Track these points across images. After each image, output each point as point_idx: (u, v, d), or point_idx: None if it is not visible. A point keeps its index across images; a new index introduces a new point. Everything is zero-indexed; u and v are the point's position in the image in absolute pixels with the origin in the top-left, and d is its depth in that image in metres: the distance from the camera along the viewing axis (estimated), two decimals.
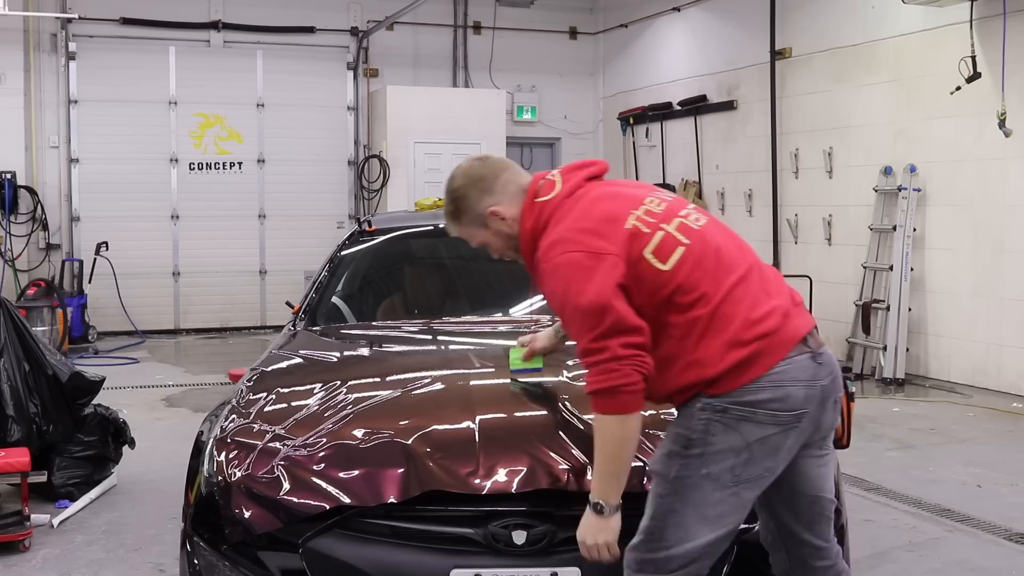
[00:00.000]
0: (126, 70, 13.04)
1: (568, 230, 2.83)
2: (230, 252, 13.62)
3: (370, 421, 3.38)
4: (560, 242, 2.82)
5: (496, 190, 3.00)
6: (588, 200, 2.90)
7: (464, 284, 5.49)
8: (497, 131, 13.93)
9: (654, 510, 2.83)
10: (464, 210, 3.05)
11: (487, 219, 3.01)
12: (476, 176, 3.03)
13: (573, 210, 2.88)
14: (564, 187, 2.95)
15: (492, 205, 2.99)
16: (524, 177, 3.04)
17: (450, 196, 3.08)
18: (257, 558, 3.17)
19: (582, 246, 2.78)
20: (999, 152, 8.87)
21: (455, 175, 3.08)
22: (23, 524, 5.24)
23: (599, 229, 2.81)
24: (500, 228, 3.02)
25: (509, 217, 2.99)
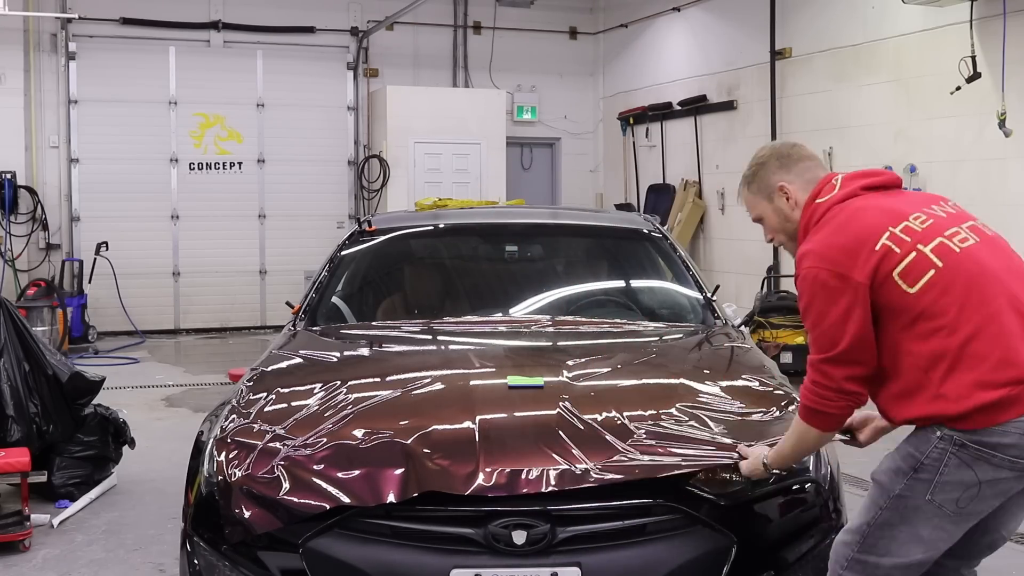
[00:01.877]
0: (126, 70, 13.03)
1: (822, 244, 2.85)
2: (230, 252, 13.61)
3: (370, 421, 3.38)
4: (812, 254, 2.85)
5: (793, 171, 3.06)
6: (850, 211, 2.89)
7: (464, 284, 5.49)
8: (497, 131, 13.92)
9: (871, 517, 2.86)
10: (758, 177, 3.11)
11: (774, 192, 3.07)
12: (782, 152, 3.11)
13: (835, 219, 2.89)
14: (839, 192, 2.96)
15: (784, 180, 3.05)
16: (821, 172, 3.07)
17: (752, 161, 3.16)
18: (257, 558, 3.17)
19: (831, 264, 2.80)
20: (999, 152, 8.87)
21: (765, 146, 3.19)
22: (23, 524, 5.24)
23: (851, 248, 2.81)
24: (781, 206, 3.06)
25: (793, 199, 3.04)
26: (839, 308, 2.76)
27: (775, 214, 3.09)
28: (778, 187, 3.06)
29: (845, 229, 2.85)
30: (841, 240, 2.83)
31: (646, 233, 5.49)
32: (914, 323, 2.76)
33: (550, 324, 4.73)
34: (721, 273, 12.18)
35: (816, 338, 2.82)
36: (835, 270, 2.78)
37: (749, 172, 3.15)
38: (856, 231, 2.83)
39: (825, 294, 2.78)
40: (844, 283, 2.77)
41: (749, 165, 3.17)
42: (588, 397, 3.55)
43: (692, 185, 13.01)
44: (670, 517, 3.15)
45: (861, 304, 2.76)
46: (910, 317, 2.76)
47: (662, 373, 4.02)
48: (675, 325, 4.96)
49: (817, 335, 2.82)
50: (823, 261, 2.81)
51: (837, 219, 2.88)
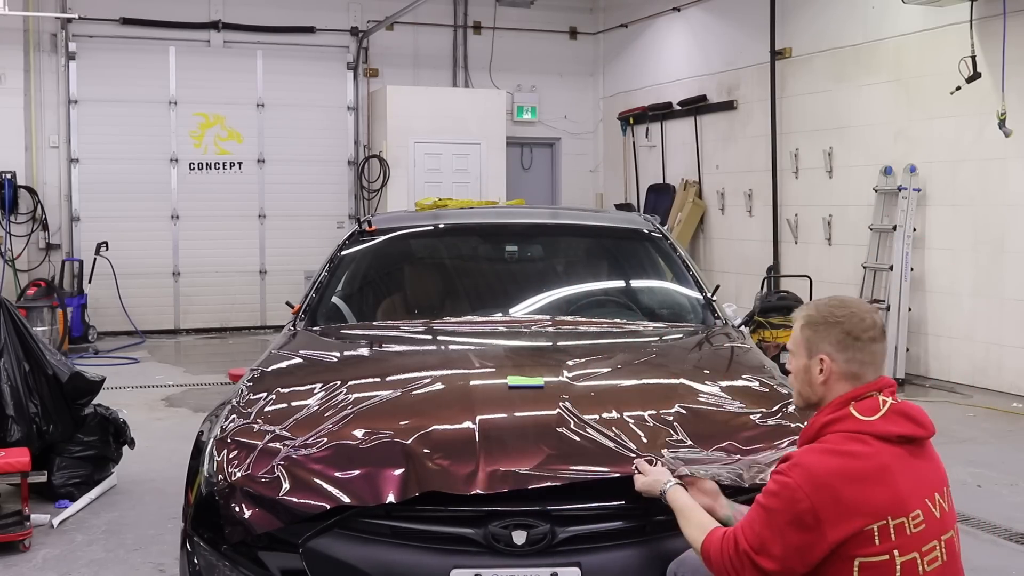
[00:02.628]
0: (126, 70, 13.04)
1: (826, 473, 2.64)
2: (230, 252, 13.62)
3: (370, 421, 3.38)
4: (811, 475, 2.64)
5: (848, 353, 2.81)
6: (872, 468, 2.67)
7: (464, 284, 5.49)
8: (497, 131, 13.92)
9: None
10: (818, 330, 2.86)
11: (814, 355, 2.84)
12: (854, 329, 2.83)
13: (854, 458, 2.67)
14: (879, 423, 2.73)
15: (829, 357, 2.82)
16: (874, 372, 2.82)
17: (832, 311, 2.87)
18: (257, 558, 3.17)
19: (818, 504, 2.61)
20: (999, 152, 8.87)
21: (851, 305, 2.88)
22: (23, 524, 5.24)
23: (846, 507, 2.61)
24: (811, 369, 2.86)
25: (826, 374, 2.83)
26: (792, 540, 2.63)
27: (804, 371, 2.89)
28: (820, 356, 2.83)
29: (853, 483, 2.64)
30: (844, 493, 2.62)
31: (646, 233, 5.49)
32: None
33: (550, 324, 4.73)
34: (721, 273, 12.18)
35: (756, 534, 2.67)
36: (817, 512, 2.61)
37: (816, 316, 2.88)
38: (859, 497, 2.63)
39: (793, 522, 2.63)
40: (814, 529, 2.61)
41: (822, 309, 2.89)
42: (588, 397, 3.55)
43: (692, 185, 13.01)
44: (670, 517, 3.14)
45: (811, 555, 2.63)
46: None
47: (662, 373, 4.02)
48: (675, 325, 4.96)
49: (757, 532, 2.67)
50: (813, 494, 2.62)
51: (856, 462, 2.67)
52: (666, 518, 3.14)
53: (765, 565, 2.66)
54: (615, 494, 3.14)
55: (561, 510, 3.10)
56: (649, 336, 4.68)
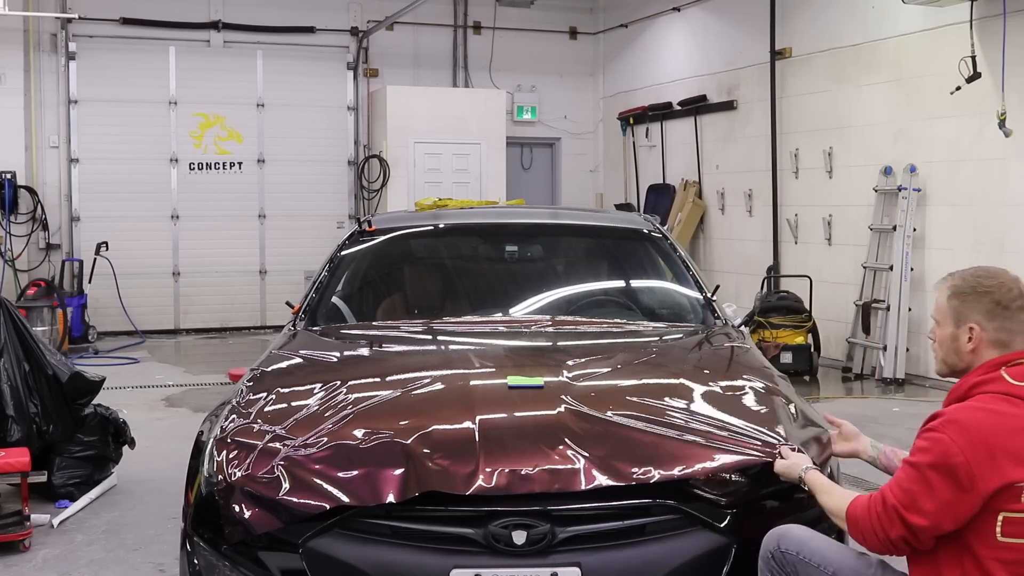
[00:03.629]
0: (126, 70, 13.04)
1: (978, 424, 2.73)
2: (230, 252, 13.61)
3: (370, 421, 3.38)
4: (964, 428, 2.72)
5: (996, 321, 2.90)
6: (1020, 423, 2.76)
7: (464, 284, 5.49)
8: (497, 131, 13.92)
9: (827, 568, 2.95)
10: (966, 300, 2.93)
11: (963, 324, 2.92)
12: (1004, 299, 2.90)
13: (1007, 417, 2.76)
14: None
15: (978, 323, 2.90)
16: (1019, 341, 2.90)
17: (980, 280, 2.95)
18: (257, 558, 3.17)
19: (972, 458, 2.69)
20: (999, 152, 8.87)
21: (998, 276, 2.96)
22: (23, 524, 5.24)
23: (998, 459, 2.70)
24: (959, 338, 2.93)
25: (975, 343, 2.91)
26: (944, 495, 2.71)
27: (951, 339, 2.96)
28: (969, 325, 2.91)
29: (1009, 435, 2.73)
30: (998, 443, 2.72)
31: (646, 233, 5.49)
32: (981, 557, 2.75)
33: (550, 324, 4.73)
34: (721, 273, 12.18)
35: (906, 491, 2.76)
36: (970, 467, 2.69)
37: (963, 286, 2.95)
38: (1014, 449, 2.73)
39: (946, 476, 2.70)
40: (968, 483, 2.69)
41: (970, 279, 2.96)
42: (588, 397, 3.55)
43: (692, 185, 13.01)
44: (670, 517, 3.15)
45: (965, 509, 2.71)
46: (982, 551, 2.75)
47: (662, 373, 4.02)
48: (675, 325, 4.96)
49: (908, 488, 2.75)
50: (968, 449, 2.70)
51: (1010, 420, 2.76)
52: (666, 518, 3.15)
53: (915, 521, 2.73)
54: (615, 494, 3.14)
55: (561, 510, 3.10)
56: (649, 336, 4.68)
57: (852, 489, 3.17)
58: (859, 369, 10.09)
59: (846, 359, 10.33)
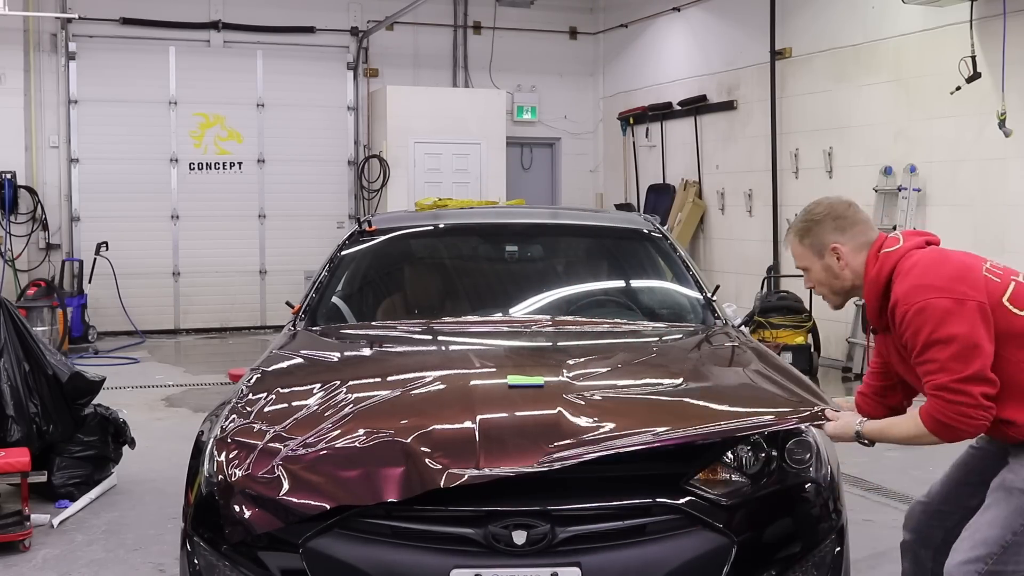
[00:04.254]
0: (126, 70, 13.04)
1: (931, 276, 3.00)
2: (230, 252, 13.61)
3: (370, 421, 3.37)
4: (924, 286, 2.98)
5: (848, 233, 3.20)
6: (936, 253, 3.11)
7: (464, 284, 5.49)
8: (497, 131, 13.92)
9: (1018, 527, 2.97)
10: (812, 234, 3.25)
11: (826, 251, 3.21)
12: (838, 212, 3.25)
13: (924, 260, 3.06)
14: (906, 243, 3.15)
15: (837, 242, 3.19)
16: (873, 233, 3.23)
17: (807, 216, 3.29)
18: (257, 558, 3.18)
19: (947, 292, 2.95)
20: (999, 152, 8.87)
21: (821, 202, 3.32)
22: (23, 524, 5.24)
23: (961, 276, 3.00)
24: (831, 264, 3.21)
25: (844, 259, 3.19)
26: (967, 329, 2.90)
27: (824, 271, 3.23)
28: (831, 247, 3.20)
29: (946, 263, 3.04)
30: (948, 271, 3.00)
31: (646, 233, 5.49)
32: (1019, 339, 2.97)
33: (550, 324, 4.73)
34: (721, 273, 12.18)
35: (947, 361, 2.90)
36: (954, 296, 2.94)
37: (802, 226, 3.28)
38: (957, 263, 3.04)
39: (951, 319, 2.91)
40: (965, 306, 2.92)
41: (802, 219, 3.30)
42: (588, 396, 3.55)
43: (692, 185, 13.01)
44: (670, 517, 3.15)
45: (985, 323, 2.93)
46: (1016, 335, 2.97)
47: (662, 373, 4.02)
48: (675, 325, 4.96)
49: (948, 357, 2.90)
50: (939, 292, 2.95)
51: (927, 258, 3.07)
52: (667, 518, 3.15)
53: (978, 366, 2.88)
54: (615, 494, 3.14)
55: (561, 510, 3.10)
56: (649, 336, 4.68)
57: (852, 489, 3.18)
58: (859, 369, 10.08)
59: (846, 359, 10.33)
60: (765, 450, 3.36)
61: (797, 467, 3.36)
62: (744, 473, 3.30)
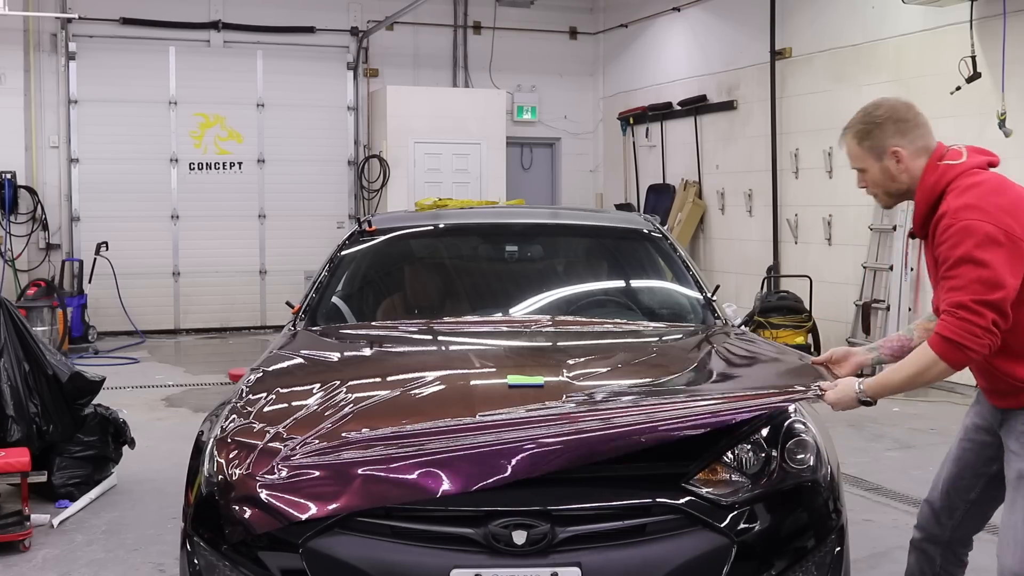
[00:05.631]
0: (126, 70, 13.04)
1: (984, 201, 3.02)
2: (230, 252, 13.62)
3: (370, 421, 3.37)
4: (976, 208, 3.00)
5: (908, 136, 3.18)
6: (998, 181, 3.12)
7: (464, 284, 5.49)
8: (497, 131, 13.93)
9: None
10: (872, 136, 3.22)
11: (885, 154, 3.19)
12: (900, 116, 3.21)
13: (983, 184, 3.08)
14: (970, 160, 3.15)
15: (898, 146, 3.17)
16: (933, 139, 3.21)
17: (868, 118, 3.26)
18: (257, 558, 3.17)
19: (998, 221, 2.98)
20: (999, 152, 8.81)
21: (882, 103, 3.27)
22: (23, 524, 5.24)
23: (1013, 211, 3.01)
24: (890, 167, 3.20)
25: (904, 163, 3.18)
26: (1001, 259, 2.94)
27: (881, 173, 3.22)
28: (892, 150, 3.18)
29: (1002, 193, 3.06)
30: (1001, 201, 3.02)
31: (646, 233, 5.49)
32: None
33: (550, 324, 4.73)
34: (721, 273, 12.18)
35: (973, 281, 2.94)
36: (1001, 227, 2.96)
37: (861, 128, 3.25)
38: (1014, 197, 3.05)
39: (990, 245, 2.95)
40: (1009, 240, 2.96)
41: (863, 119, 3.27)
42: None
43: (692, 185, 13.01)
44: (670, 517, 3.15)
45: (1019, 263, 2.97)
46: None
47: (662, 373, 4.02)
48: (675, 325, 4.95)
49: (975, 278, 2.94)
50: (989, 217, 2.98)
51: (988, 183, 3.09)
52: (667, 518, 3.15)
53: (996, 296, 2.92)
54: (615, 494, 3.14)
55: (561, 510, 3.10)
56: (649, 336, 4.68)
57: (852, 489, 3.18)
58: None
59: None
60: (765, 450, 3.36)
61: (797, 467, 3.35)
62: (744, 473, 3.30)
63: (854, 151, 3.27)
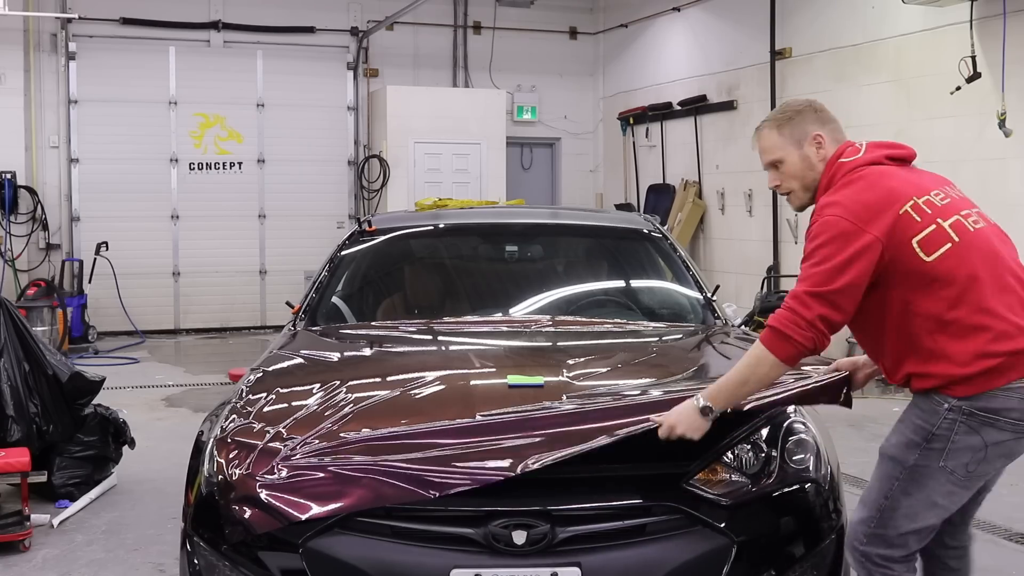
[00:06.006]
0: (126, 70, 13.04)
1: (849, 198, 3.01)
2: (230, 252, 13.62)
3: (370, 421, 3.37)
4: (838, 205, 3.00)
5: (827, 127, 3.22)
6: (877, 174, 3.07)
7: (464, 284, 5.49)
8: (497, 131, 13.92)
9: (887, 490, 3.03)
10: (793, 123, 3.22)
11: (806, 140, 3.19)
12: (817, 107, 3.26)
13: (863, 179, 3.05)
14: (864, 156, 3.13)
15: (819, 131, 3.19)
16: (843, 135, 3.25)
17: (787, 108, 3.29)
18: (257, 558, 3.18)
19: (854, 217, 2.96)
20: (999, 152, 8.87)
21: (795, 99, 3.36)
22: (23, 524, 5.24)
23: (876, 207, 2.97)
24: (810, 155, 3.19)
25: (824, 151, 3.18)
26: (846, 254, 2.92)
27: (801, 161, 3.20)
28: (813, 135, 3.19)
29: (873, 189, 3.01)
30: (867, 198, 2.99)
31: (646, 233, 5.49)
32: (927, 286, 2.94)
33: (550, 324, 4.73)
34: (721, 273, 12.18)
35: (811, 275, 2.96)
36: (855, 223, 2.94)
37: (783, 116, 3.25)
38: (883, 193, 3.00)
39: (839, 240, 2.93)
40: (859, 235, 2.93)
41: (782, 110, 3.29)
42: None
43: (692, 185, 13.01)
44: (670, 517, 3.15)
45: (867, 258, 2.92)
46: (924, 281, 2.95)
47: (662, 373, 4.02)
48: (675, 325, 4.96)
49: (814, 272, 2.95)
50: (847, 212, 2.96)
51: (865, 179, 3.04)
52: (667, 518, 3.15)
53: (831, 287, 2.90)
54: (615, 494, 3.14)
55: (561, 510, 3.10)
56: (649, 336, 4.68)
57: (852, 489, 3.18)
58: None
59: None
60: (765, 450, 3.36)
61: (797, 467, 3.36)
62: (744, 473, 3.30)
63: (772, 141, 3.25)
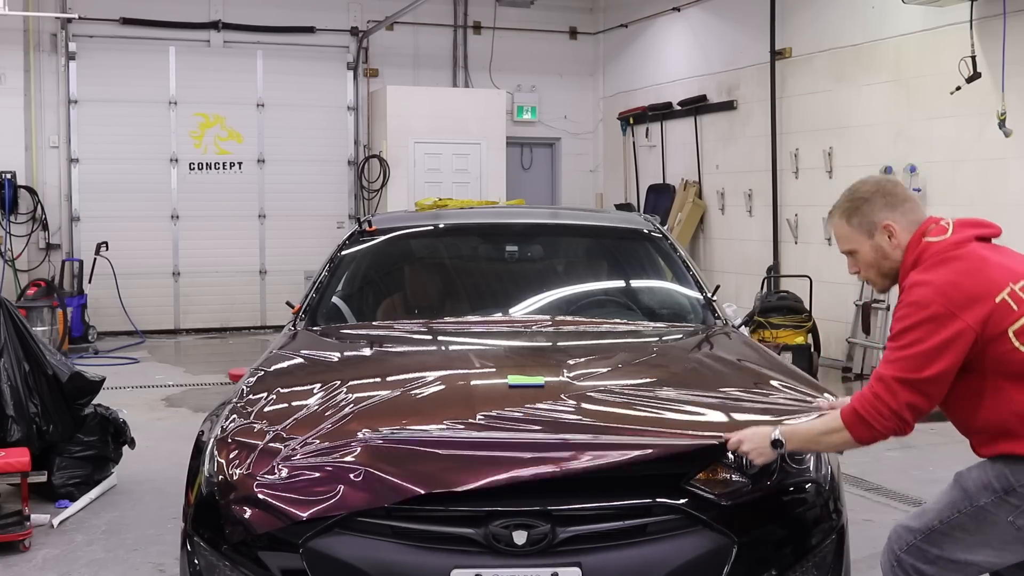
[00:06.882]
0: (126, 70, 13.04)
1: (944, 280, 2.90)
2: (230, 252, 13.62)
3: (371, 421, 3.37)
4: (931, 286, 2.89)
5: (899, 210, 3.07)
6: (975, 259, 2.96)
7: (464, 284, 5.49)
8: (497, 131, 13.93)
9: (946, 517, 2.99)
10: (861, 212, 3.09)
11: (877, 230, 3.08)
12: (887, 190, 3.10)
13: (958, 262, 2.94)
14: (953, 236, 3.01)
15: (889, 219, 3.06)
16: (921, 213, 3.11)
17: (855, 195, 3.12)
18: (257, 558, 3.17)
19: (948, 302, 2.86)
20: (999, 152, 8.87)
21: (867, 180, 3.16)
22: (23, 524, 5.24)
23: (973, 294, 2.88)
24: (882, 244, 3.08)
25: (897, 238, 3.06)
26: (938, 340, 2.83)
27: (873, 251, 3.10)
28: (883, 225, 3.07)
29: (971, 275, 2.91)
30: (965, 283, 2.89)
31: (646, 233, 5.49)
32: (1020, 375, 2.88)
33: (550, 324, 4.73)
34: (721, 273, 12.18)
35: (901, 358, 2.87)
36: (950, 308, 2.84)
37: (850, 206, 3.12)
38: (981, 280, 2.90)
39: (932, 325, 2.84)
40: (953, 322, 2.83)
41: (849, 198, 3.14)
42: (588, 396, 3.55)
43: (692, 185, 13.01)
44: (671, 517, 3.15)
45: (960, 347, 2.84)
46: (1018, 370, 2.87)
47: (662, 373, 4.02)
48: (675, 325, 4.95)
49: (904, 356, 2.86)
50: (942, 296, 2.86)
51: (963, 262, 2.94)
52: (667, 518, 3.15)
53: (922, 375, 2.82)
54: (616, 494, 3.14)
55: (561, 510, 3.10)
56: (649, 336, 4.68)
57: (852, 489, 3.18)
58: (859, 369, 10.08)
59: (846, 359, 10.33)
60: None
61: (797, 467, 3.35)
62: (744, 473, 3.30)
63: (843, 231, 3.14)
